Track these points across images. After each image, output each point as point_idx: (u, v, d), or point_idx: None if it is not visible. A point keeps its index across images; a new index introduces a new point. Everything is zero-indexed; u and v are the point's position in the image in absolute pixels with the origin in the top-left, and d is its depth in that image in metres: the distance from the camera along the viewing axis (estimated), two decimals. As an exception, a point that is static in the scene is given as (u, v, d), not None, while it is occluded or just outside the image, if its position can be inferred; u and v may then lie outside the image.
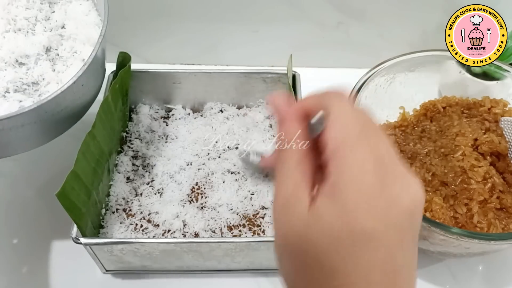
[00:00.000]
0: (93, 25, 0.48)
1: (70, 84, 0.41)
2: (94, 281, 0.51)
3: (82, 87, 0.44)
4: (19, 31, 0.47)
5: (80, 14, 0.49)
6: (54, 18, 0.49)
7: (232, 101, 0.63)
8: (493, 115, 0.55)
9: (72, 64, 0.46)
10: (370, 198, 0.22)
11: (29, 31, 0.47)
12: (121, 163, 0.56)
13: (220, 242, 0.46)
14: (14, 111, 0.39)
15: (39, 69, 0.45)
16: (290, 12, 0.66)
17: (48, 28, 0.48)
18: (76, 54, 0.47)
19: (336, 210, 0.22)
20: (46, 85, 0.45)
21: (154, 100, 0.63)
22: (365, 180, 0.22)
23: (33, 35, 0.47)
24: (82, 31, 0.47)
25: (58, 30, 0.48)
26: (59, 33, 0.48)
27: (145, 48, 0.71)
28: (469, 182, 0.49)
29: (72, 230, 0.44)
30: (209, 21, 0.67)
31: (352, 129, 0.23)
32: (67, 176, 0.42)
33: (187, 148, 0.58)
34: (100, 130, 0.50)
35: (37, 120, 0.41)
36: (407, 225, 0.23)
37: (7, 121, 0.38)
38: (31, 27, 0.47)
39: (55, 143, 0.59)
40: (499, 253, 0.53)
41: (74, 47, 0.47)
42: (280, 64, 0.60)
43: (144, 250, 0.46)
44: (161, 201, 0.53)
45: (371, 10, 0.66)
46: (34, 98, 0.43)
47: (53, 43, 0.47)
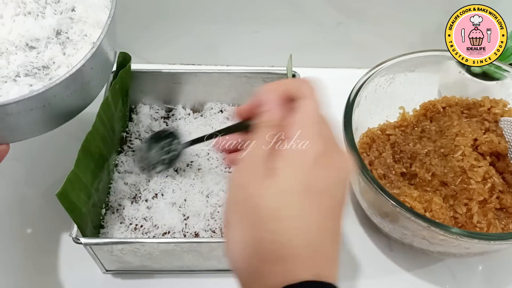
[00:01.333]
0: (102, 7, 0.47)
1: (78, 67, 0.41)
2: (94, 281, 0.51)
3: (91, 70, 0.43)
4: (29, 14, 0.46)
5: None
6: (64, 0, 0.48)
7: (232, 101, 0.63)
8: (493, 115, 0.55)
9: (82, 48, 0.45)
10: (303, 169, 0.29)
11: (39, 14, 0.46)
12: (121, 163, 0.56)
13: (220, 242, 0.46)
14: (25, 94, 0.38)
15: (49, 52, 0.44)
16: (290, 12, 0.66)
17: (58, 11, 0.47)
18: (86, 37, 0.46)
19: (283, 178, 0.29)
20: (56, 69, 0.44)
21: (154, 100, 0.63)
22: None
23: (43, 18, 0.46)
24: (92, 14, 0.46)
25: (68, 13, 0.47)
26: (69, 16, 0.47)
27: (145, 48, 0.71)
28: (468, 182, 0.49)
29: (72, 230, 0.44)
30: (209, 21, 0.67)
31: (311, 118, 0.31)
32: (68, 176, 0.42)
33: (187, 148, 0.58)
34: (100, 130, 0.50)
35: (46, 104, 0.41)
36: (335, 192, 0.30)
37: (15, 105, 0.38)
38: (41, 10, 0.46)
39: (55, 143, 0.59)
40: (499, 253, 0.53)
41: (84, 30, 0.46)
42: (280, 64, 0.60)
43: (144, 250, 0.46)
44: (161, 201, 0.53)
45: (371, 10, 0.66)
46: (44, 82, 0.42)
47: (63, 26, 0.46)
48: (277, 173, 0.29)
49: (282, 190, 0.28)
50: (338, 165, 0.30)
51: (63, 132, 0.46)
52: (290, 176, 0.29)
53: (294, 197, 0.28)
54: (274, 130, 0.31)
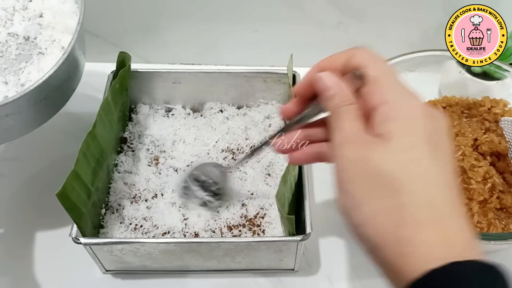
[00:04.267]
0: (70, 13, 0.49)
1: (51, 73, 0.42)
2: (94, 281, 0.51)
3: (63, 74, 0.45)
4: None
5: (57, 3, 0.49)
6: (32, 7, 0.49)
7: (232, 101, 0.63)
8: (493, 115, 0.55)
9: (52, 52, 0.47)
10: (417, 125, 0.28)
11: (7, 21, 0.48)
12: (121, 163, 0.56)
13: (220, 242, 0.46)
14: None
15: (20, 58, 0.46)
16: (290, 12, 0.66)
17: (27, 17, 0.49)
18: (55, 43, 0.48)
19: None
20: (28, 74, 0.46)
21: (154, 100, 0.62)
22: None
23: (11, 25, 0.48)
24: (60, 20, 0.48)
25: (37, 19, 0.49)
26: (38, 22, 0.49)
27: (145, 48, 0.71)
28: (469, 182, 0.49)
29: (72, 230, 0.44)
30: (209, 21, 0.67)
31: (396, 86, 0.30)
32: (68, 176, 0.43)
33: (187, 148, 0.58)
34: (100, 130, 0.50)
35: (21, 110, 0.42)
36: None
37: None
38: (9, 17, 0.48)
39: (55, 143, 0.59)
40: (499, 253, 0.53)
41: (53, 36, 0.48)
42: (280, 64, 0.60)
43: (144, 250, 0.46)
44: (161, 201, 0.53)
45: (371, 10, 0.66)
46: (17, 87, 0.44)
47: (31, 32, 0.48)
48: (391, 135, 0.27)
49: (405, 149, 0.27)
50: (438, 114, 0.29)
51: (63, 132, 0.46)
52: (407, 133, 0.27)
53: (419, 154, 0.27)
54: (355, 106, 0.30)
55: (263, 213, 0.53)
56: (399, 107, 0.28)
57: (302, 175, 0.49)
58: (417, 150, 0.27)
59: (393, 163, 0.27)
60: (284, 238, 0.46)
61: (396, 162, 0.27)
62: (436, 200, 0.26)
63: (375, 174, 0.27)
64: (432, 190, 0.26)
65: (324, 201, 0.58)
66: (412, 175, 0.26)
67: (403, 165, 0.27)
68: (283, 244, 0.46)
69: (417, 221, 0.26)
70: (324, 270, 0.52)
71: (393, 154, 0.27)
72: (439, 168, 0.27)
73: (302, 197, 0.48)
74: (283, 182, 0.45)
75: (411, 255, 0.25)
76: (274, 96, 0.62)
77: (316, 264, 0.53)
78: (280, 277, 0.52)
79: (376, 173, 0.27)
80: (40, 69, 0.45)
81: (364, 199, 0.27)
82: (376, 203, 0.27)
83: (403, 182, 0.26)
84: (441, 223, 0.26)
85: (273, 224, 0.52)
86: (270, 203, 0.53)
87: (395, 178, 0.26)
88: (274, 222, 0.52)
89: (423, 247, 0.25)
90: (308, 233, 0.45)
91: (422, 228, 0.25)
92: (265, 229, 0.52)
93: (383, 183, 0.27)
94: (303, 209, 0.47)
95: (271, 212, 0.53)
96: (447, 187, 0.27)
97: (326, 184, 0.59)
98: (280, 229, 0.51)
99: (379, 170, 0.27)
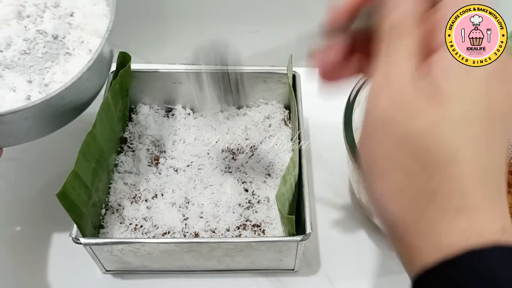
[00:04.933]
0: (101, 15, 0.47)
1: (75, 80, 0.41)
2: (94, 281, 0.51)
3: (86, 81, 0.44)
4: (28, 17, 0.46)
5: (89, 3, 0.48)
6: (63, 5, 0.48)
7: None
8: (493, 115, 0.55)
9: (79, 54, 0.45)
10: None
11: (37, 18, 0.46)
12: (121, 163, 0.56)
13: (220, 242, 0.46)
14: (21, 105, 0.39)
15: (46, 57, 0.45)
16: (290, 12, 0.66)
17: (57, 15, 0.47)
18: (83, 44, 0.46)
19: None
20: (53, 75, 0.44)
21: (154, 100, 0.62)
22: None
23: (41, 22, 0.46)
24: (90, 22, 0.46)
25: (67, 18, 0.47)
26: (68, 21, 0.47)
27: (145, 48, 0.71)
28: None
29: (72, 230, 0.44)
30: (209, 21, 0.67)
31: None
32: (68, 176, 0.43)
33: (187, 148, 0.58)
34: (100, 130, 0.50)
35: (41, 114, 0.41)
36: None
37: (11, 116, 0.39)
38: (39, 14, 0.47)
39: (55, 143, 0.59)
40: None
41: (81, 37, 0.46)
42: (280, 64, 0.60)
43: (144, 250, 0.46)
44: (161, 201, 0.53)
45: (371, 10, 0.66)
46: (40, 88, 0.43)
47: (60, 31, 0.46)
48: (445, 97, 0.22)
49: (459, 121, 0.21)
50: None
51: (63, 132, 0.46)
52: (465, 98, 0.22)
53: (475, 129, 0.22)
54: (417, 34, 0.24)
55: (263, 213, 0.53)
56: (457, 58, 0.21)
57: (302, 175, 0.49)
58: (476, 125, 0.22)
59: (440, 136, 0.21)
60: (284, 238, 0.46)
61: (443, 135, 0.21)
62: (487, 184, 0.22)
63: (413, 144, 0.22)
64: (483, 177, 0.22)
65: (324, 201, 0.58)
66: (463, 156, 0.21)
67: (454, 142, 0.21)
68: (283, 244, 0.46)
69: (458, 207, 0.21)
70: (324, 270, 0.52)
71: (441, 125, 0.22)
72: (493, 150, 0.22)
73: (302, 197, 0.48)
74: (283, 182, 0.45)
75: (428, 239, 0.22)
76: (274, 96, 0.62)
77: (316, 264, 0.53)
78: (280, 277, 0.52)
79: (414, 143, 0.22)
80: (65, 71, 0.44)
81: (389, 168, 0.23)
82: (405, 177, 0.22)
83: (445, 162, 0.21)
84: (479, 208, 0.21)
85: (273, 224, 0.52)
86: (270, 203, 0.53)
87: (439, 153, 0.21)
88: (274, 222, 0.52)
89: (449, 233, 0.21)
90: (308, 233, 0.45)
91: (458, 213, 0.21)
92: (265, 229, 0.52)
93: (420, 156, 0.22)
94: (303, 209, 0.47)
95: (271, 212, 0.53)
96: (498, 172, 0.22)
97: (326, 184, 0.59)
98: (280, 229, 0.51)
99: (419, 140, 0.22)
